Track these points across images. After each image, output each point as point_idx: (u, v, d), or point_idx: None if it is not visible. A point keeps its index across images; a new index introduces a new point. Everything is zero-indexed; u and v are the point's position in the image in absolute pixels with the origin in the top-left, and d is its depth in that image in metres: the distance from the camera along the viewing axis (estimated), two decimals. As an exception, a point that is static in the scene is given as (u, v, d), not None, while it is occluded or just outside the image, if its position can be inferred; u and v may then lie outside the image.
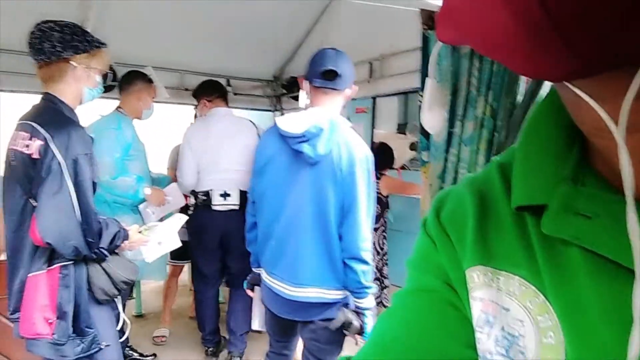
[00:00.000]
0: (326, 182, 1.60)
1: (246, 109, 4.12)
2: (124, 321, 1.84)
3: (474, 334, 0.39)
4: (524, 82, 1.44)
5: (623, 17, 0.20)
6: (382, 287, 3.12)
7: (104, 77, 1.72)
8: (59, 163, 1.45)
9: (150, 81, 2.70)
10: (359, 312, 1.65)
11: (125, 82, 2.63)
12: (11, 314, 1.58)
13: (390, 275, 3.17)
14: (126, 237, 1.71)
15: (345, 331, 1.67)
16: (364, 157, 1.62)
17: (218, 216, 2.64)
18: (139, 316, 3.65)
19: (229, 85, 3.84)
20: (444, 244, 0.43)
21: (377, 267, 2.78)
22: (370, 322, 1.66)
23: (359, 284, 1.62)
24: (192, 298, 3.42)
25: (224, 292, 3.61)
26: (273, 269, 1.74)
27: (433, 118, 1.60)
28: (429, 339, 0.41)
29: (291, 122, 1.64)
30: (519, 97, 1.47)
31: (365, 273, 1.62)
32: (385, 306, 3.39)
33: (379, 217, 2.97)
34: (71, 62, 1.56)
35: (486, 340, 0.38)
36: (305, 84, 1.71)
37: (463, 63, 1.60)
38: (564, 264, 0.33)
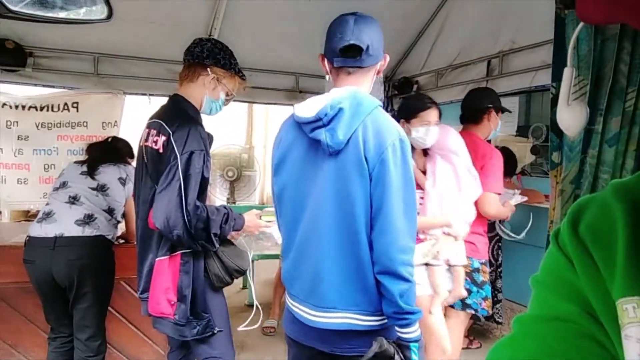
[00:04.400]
0: (351, 175, 1.26)
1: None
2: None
3: None
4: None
5: None
6: (495, 302, 2.93)
7: (228, 97, 1.85)
8: (175, 157, 1.59)
9: None
10: (402, 344, 1.28)
11: None
12: (140, 293, 1.77)
13: (505, 289, 2.94)
14: (241, 223, 1.78)
15: None
16: (398, 141, 1.27)
17: None
18: (250, 306, 3.88)
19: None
20: (584, 264, 0.36)
21: (490, 280, 2.57)
22: (416, 358, 1.29)
23: (396, 308, 1.25)
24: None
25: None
26: (291, 287, 1.42)
27: (572, 116, 1.34)
28: None
29: (307, 106, 1.33)
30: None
31: (405, 294, 1.24)
32: (497, 322, 3.18)
33: (493, 225, 2.79)
34: (207, 69, 1.73)
35: None
36: (325, 64, 1.40)
37: (609, 46, 1.34)
38: None
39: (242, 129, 7.73)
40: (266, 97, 3.81)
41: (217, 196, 4.32)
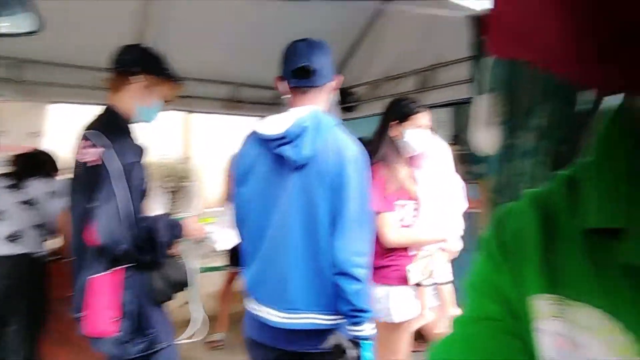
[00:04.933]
0: (315, 187, 1.39)
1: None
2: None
3: None
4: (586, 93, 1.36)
5: None
6: None
7: (162, 104, 1.80)
8: (113, 170, 1.54)
9: None
10: (354, 342, 1.39)
11: None
12: (76, 312, 1.69)
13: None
14: (181, 229, 1.74)
15: None
16: (355, 157, 1.42)
17: None
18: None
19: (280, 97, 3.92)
20: (506, 267, 0.40)
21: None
22: (369, 356, 1.39)
23: (351, 306, 1.36)
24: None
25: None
26: (257, 292, 1.51)
27: (487, 136, 1.51)
28: None
29: (271, 123, 1.46)
30: (583, 106, 1.39)
31: (358, 293, 1.36)
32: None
33: None
34: (137, 77, 1.68)
35: None
36: (281, 84, 1.52)
37: (520, 70, 1.52)
38: None
39: (178, 139, 7.50)
40: (203, 106, 3.72)
41: (156, 208, 4.16)
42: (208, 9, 2.86)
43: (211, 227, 1.90)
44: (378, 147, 2.00)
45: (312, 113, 1.44)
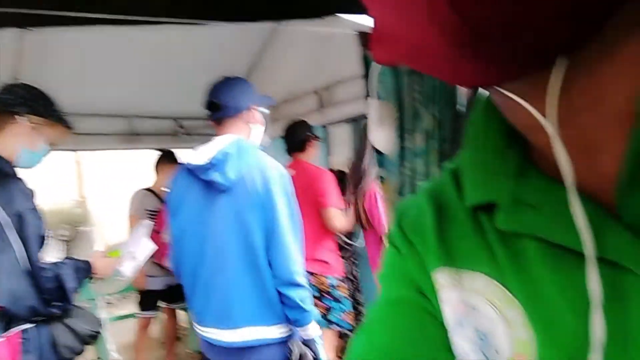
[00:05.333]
0: (246, 208, 1.51)
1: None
2: None
3: (448, 336, 0.40)
4: (463, 92, 1.54)
5: (540, 27, 0.23)
6: (358, 314, 3.06)
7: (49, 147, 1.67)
8: (1, 220, 1.40)
9: None
10: (308, 342, 1.56)
11: None
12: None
13: (368, 302, 3.06)
14: (89, 268, 1.64)
15: None
16: (279, 176, 1.55)
17: None
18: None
19: (181, 127, 3.80)
20: (409, 252, 0.44)
21: (351, 295, 2.75)
22: (322, 350, 1.57)
23: (300, 310, 1.50)
24: (165, 352, 3.29)
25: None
26: (203, 316, 1.60)
27: (383, 137, 1.65)
28: (408, 348, 0.41)
29: (197, 153, 1.58)
30: (461, 106, 1.56)
31: (304, 298, 1.52)
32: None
33: (346, 245, 2.92)
34: (19, 118, 1.54)
35: (461, 341, 0.39)
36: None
37: (404, 79, 1.68)
38: (521, 256, 0.34)
39: (70, 180, 6.88)
40: (96, 143, 3.46)
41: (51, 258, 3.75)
42: (93, 39, 2.69)
43: (119, 260, 1.81)
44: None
45: (233, 140, 1.57)
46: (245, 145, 1.58)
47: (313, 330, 1.55)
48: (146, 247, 2.01)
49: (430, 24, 0.23)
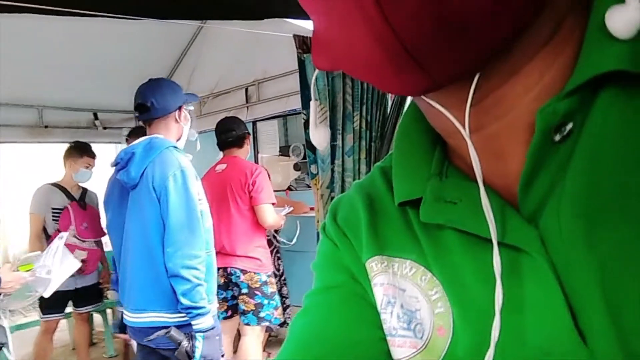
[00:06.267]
0: (146, 203, 1.62)
1: (119, 142, 3.84)
2: None
3: (379, 316, 0.44)
4: (391, 96, 1.62)
5: (463, 45, 0.26)
6: (285, 308, 3.07)
7: None
8: None
9: None
10: (192, 334, 1.60)
11: None
12: None
13: (291, 295, 3.16)
14: None
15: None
16: (179, 172, 1.62)
17: None
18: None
19: (96, 119, 3.58)
20: (343, 243, 0.48)
21: (277, 289, 2.76)
22: (201, 346, 1.60)
23: (182, 304, 1.57)
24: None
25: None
26: (122, 300, 1.76)
27: (319, 135, 1.69)
28: (342, 328, 0.45)
29: (117, 153, 1.73)
30: (389, 109, 1.65)
31: (187, 293, 1.57)
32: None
33: (270, 240, 2.93)
34: None
35: (390, 318, 0.43)
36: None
37: (337, 83, 1.75)
38: (441, 244, 0.39)
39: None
40: (5, 135, 3.15)
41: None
42: (8, 28, 2.45)
43: (30, 273, 1.72)
44: None
45: (145, 141, 1.67)
46: (156, 144, 1.66)
47: (199, 324, 1.60)
48: (69, 266, 1.92)
49: (370, 41, 0.25)
